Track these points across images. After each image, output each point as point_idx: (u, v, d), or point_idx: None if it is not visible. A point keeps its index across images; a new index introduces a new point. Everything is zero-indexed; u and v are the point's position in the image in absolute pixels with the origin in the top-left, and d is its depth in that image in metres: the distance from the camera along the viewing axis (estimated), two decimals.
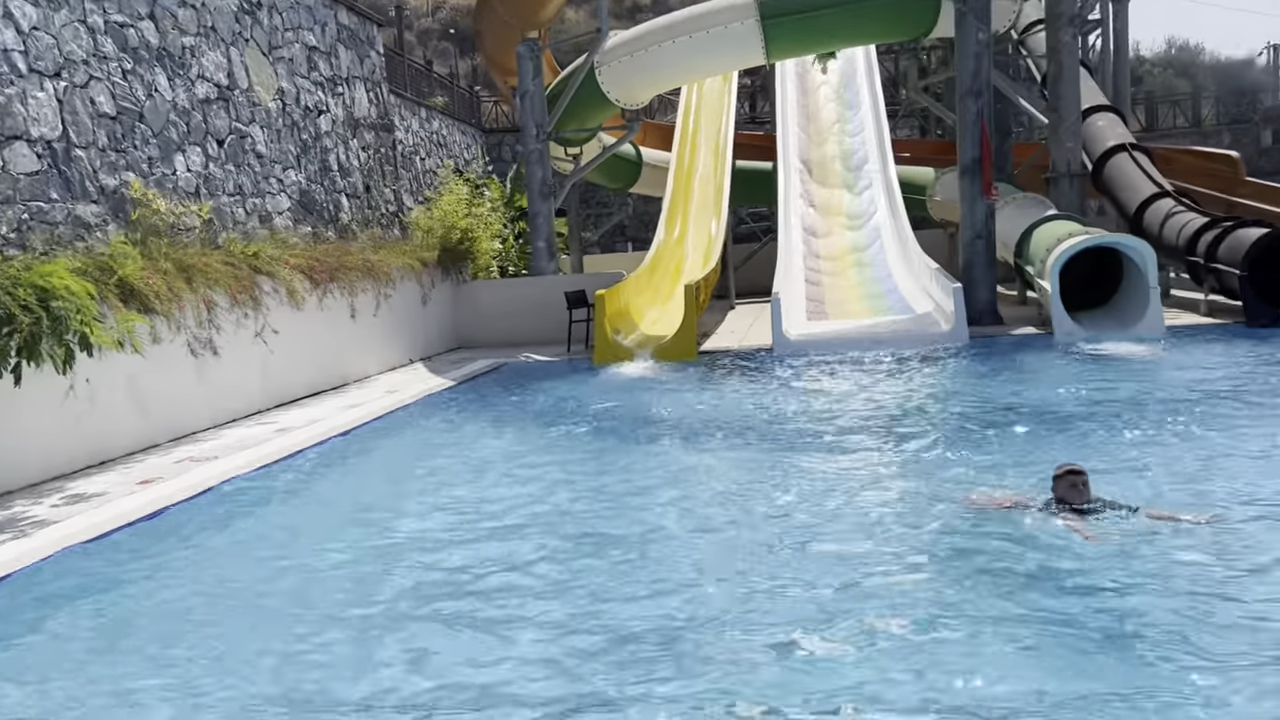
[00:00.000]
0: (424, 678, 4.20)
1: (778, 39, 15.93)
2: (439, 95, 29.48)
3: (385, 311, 14.53)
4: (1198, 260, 14.26)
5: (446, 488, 7.60)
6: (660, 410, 10.22)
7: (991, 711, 3.56)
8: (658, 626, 4.51)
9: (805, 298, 16.28)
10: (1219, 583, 4.67)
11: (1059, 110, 16.90)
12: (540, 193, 17.46)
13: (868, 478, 6.99)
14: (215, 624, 5.06)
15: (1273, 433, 7.45)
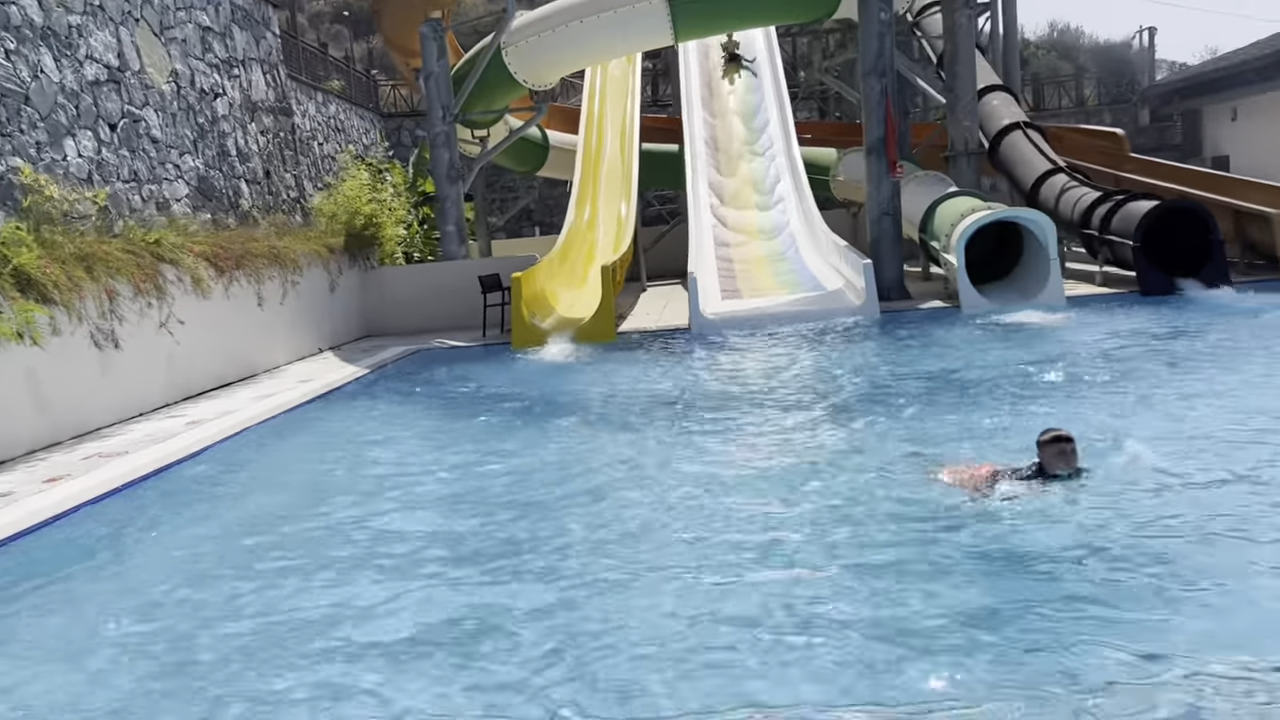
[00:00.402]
0: (349, 666, 4.09)
1: (685, 19, 15.96)
2: (335, 79, 28.72)
3: (293, 299, 14.13)
4: (1093, 233, 14.83)
5: (366, 477, 7.42)
6: (587, 391, 10.19)
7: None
8: (578, 603, 4.43)
9: (719, 277, 16.40)
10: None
11: (956, 90, 17.35)
12: (448, 176, 17.19)
13: (806, 448, 7.08)
14: (148, 629, 4.86)
15: (1179, 384, 7.84)
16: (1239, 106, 28.16)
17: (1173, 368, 8.85)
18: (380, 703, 3.76)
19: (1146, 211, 13.69)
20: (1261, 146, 24.89)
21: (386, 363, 13.41)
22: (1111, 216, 14.44)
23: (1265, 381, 7.97)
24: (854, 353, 10.99)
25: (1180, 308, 12.21)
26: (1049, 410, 7.38)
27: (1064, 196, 15.97)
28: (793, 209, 19.23)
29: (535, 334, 13.75)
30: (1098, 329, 11.21)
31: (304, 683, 3.98)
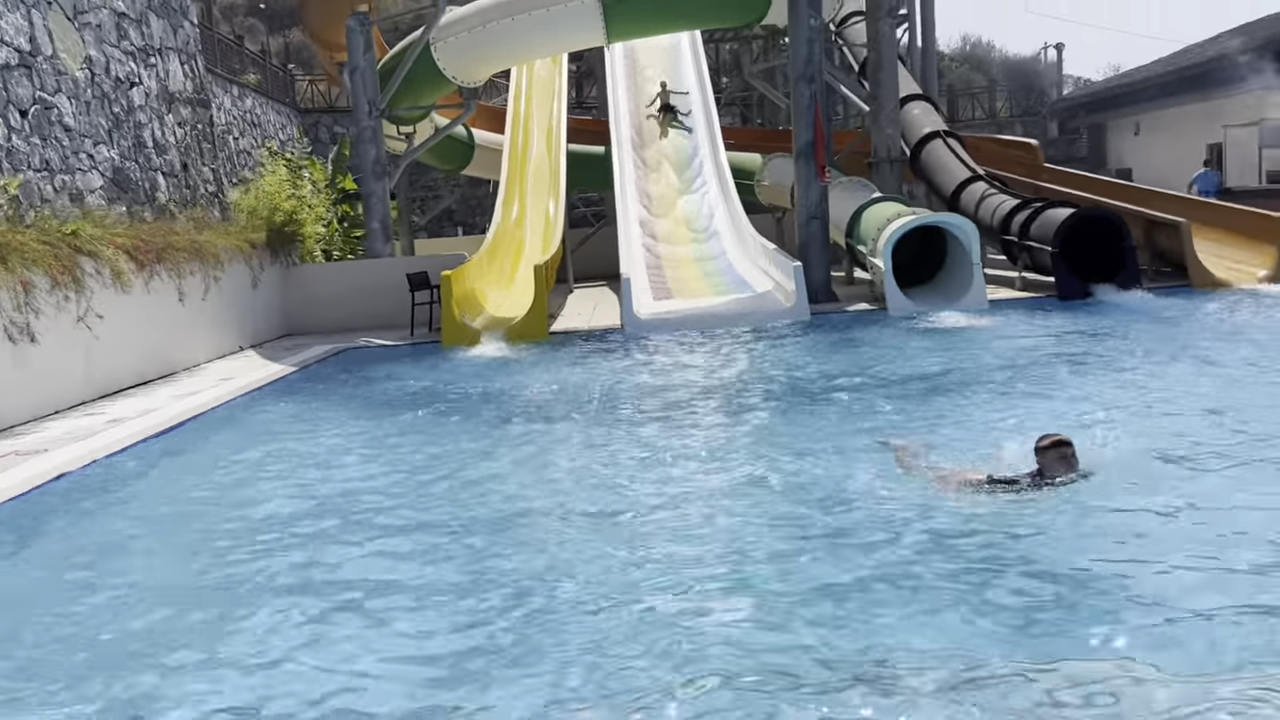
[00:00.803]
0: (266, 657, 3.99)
1: (617, 20, 15.98)
2: (251, 73, 28.03)
3: (215, 295, 13.72)
4: (1012, 239, 15.25)
5: (293, 475, 7.22)
6: (525, 389, 10.10)
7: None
8: (506, 603, 4.38)
9: (649, 279, 16.44)
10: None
11: (879, 98, 17.71)
12: (374, 172, 16.89)
13: (751, 443, 7.14)
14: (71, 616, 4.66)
15: (1097, 380, 8.14)
16: (1141, 121, 29.35)
17: (1094, 362, 9.20)
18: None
19: (1064, 219, 14.14)
20: (1162, 160, 25.96)
21: (311, 361, 13.11)
22: (1030, 223, 14.87)
23: (1171, 370, 8.38)
24: (792, 350, 11.14)
25: (1097, 310, 12.66)
26: (994, 403, 7.59)
27: (984, 203, 16.39)
28: (719, 213, 19.38)
29: (466, 332, 13.59)
30: (1021, 329, 11.57)
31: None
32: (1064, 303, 13.55)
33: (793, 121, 15.98)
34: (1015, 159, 20.58)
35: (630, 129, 21.88)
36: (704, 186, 20.12)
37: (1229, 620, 3.71)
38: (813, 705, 3.27)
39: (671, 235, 19.17)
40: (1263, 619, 3.71)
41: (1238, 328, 10.72)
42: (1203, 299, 12.86)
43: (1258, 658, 3.38)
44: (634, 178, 20.29)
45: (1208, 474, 5.59)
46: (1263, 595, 3.91)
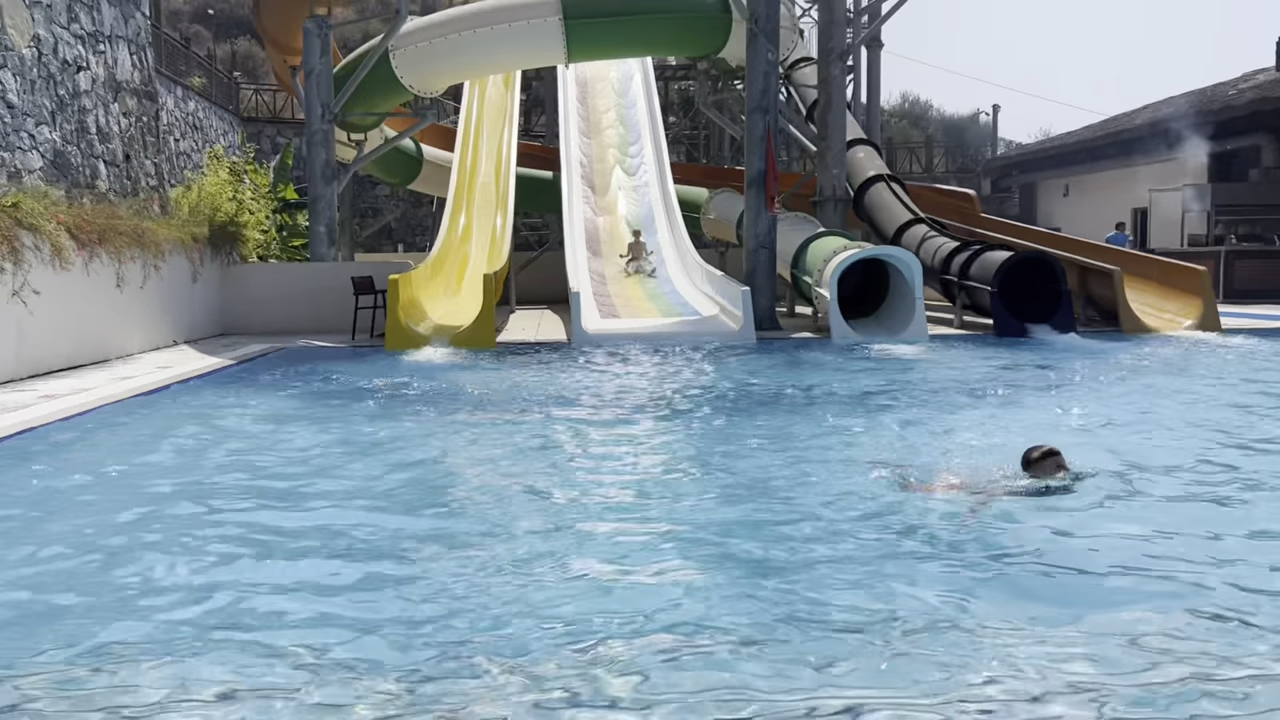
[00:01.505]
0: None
1: (578, 42, 16.14)
2: (196, 76, 27.64)
3: (154, 285, 13.37)
4: (952, 278, 15.66)
5: (235, 458, 7.04)
6: (473, 387, 10.03)
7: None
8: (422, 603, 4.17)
9: (595, 298, 16.48)
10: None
11: (827, 139, 18.13)
12: (323, 175, 16.71)
13: (696, 452, 7.18)
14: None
15: (1034, 405, 8.41)
16: (1070, 183, 30.49)
17: (1031, 389, 9.52)
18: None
19: (1004, 259, 14.59)
20: (1089, 220, 26.94)
21: (249, 356, 12.84)
22: (970, 264, 15.30)
23: (1100, 399, 8.72)
24: (731, 371, 11.25)
25: (1032, 347, 13.04)
26: (936, 417, 7.74)
27: (925, 244, 16.81)
28: (665, 242, 19.55)
29: (411, 337, 13.46)
30: (959, 359, 11.87)
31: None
32: (1001, 340, 13.92)
33: (746, 151, 16.26)
34: (954, 208, 21.18)
35: (580, 155, 22.01)
36: (651, 216, 20.29)
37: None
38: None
39: (619, 258, 19.25)
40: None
41: (1160, 366, 11.19)
42: (1133, 343, 13.33)
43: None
44: (582, 202, 20.39)
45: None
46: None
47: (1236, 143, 23.99)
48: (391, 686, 3.19)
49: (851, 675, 3.22)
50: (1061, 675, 3.16)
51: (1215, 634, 3.55)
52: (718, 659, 3.35)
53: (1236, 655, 3.35)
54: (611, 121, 23.57)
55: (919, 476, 5.79)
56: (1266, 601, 3.88)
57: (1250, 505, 5.45)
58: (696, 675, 3.22)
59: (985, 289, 14.67)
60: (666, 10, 17.13)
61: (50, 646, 3.59)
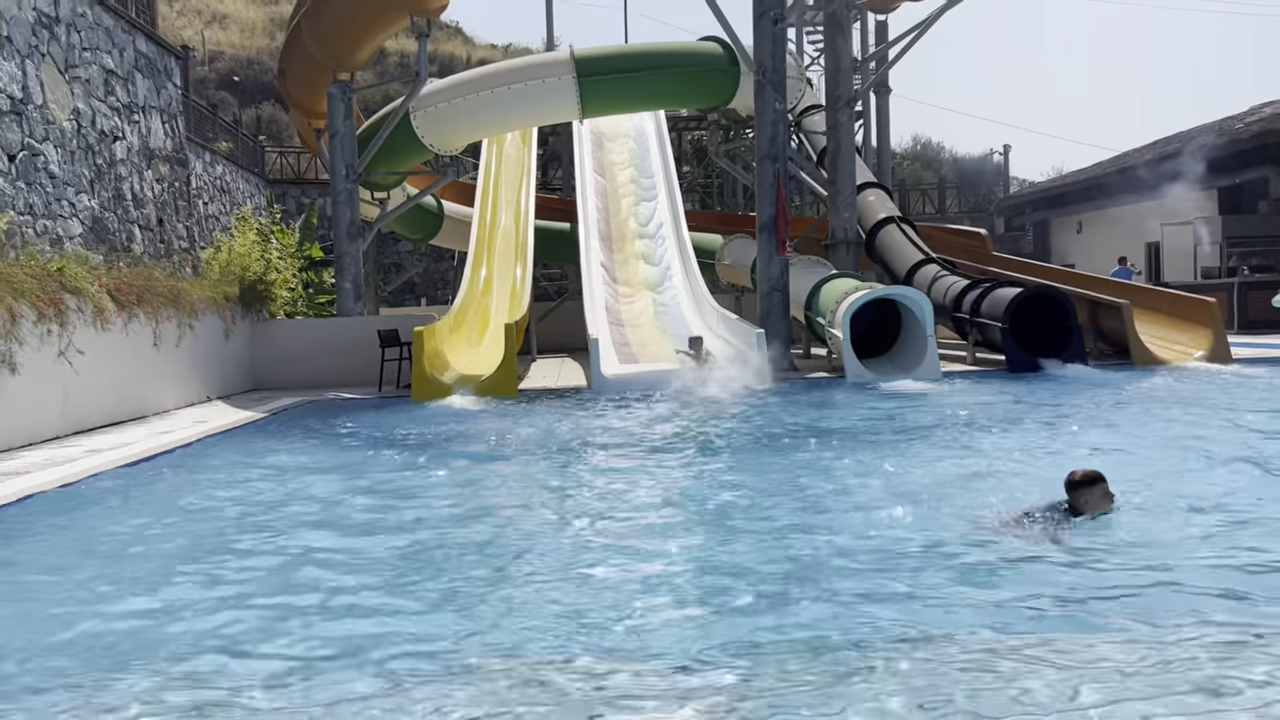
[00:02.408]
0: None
1: (592, 98, 16.70)
2: (223, 141, 28.50)
3: (188, 343, 13.87)
4: (964, 316, 15.95)
5: (268, 507, 7.40)
6: (505, 433, 10.38)
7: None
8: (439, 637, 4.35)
9: (614, 344, 16.86)
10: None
11: (837, 183, 18.56)
12: (348, 233, 17.27)
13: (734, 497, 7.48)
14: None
15: (1055, 436, 8.63)
16: (1084, 219, 30.76)
17: (1046, 420, 9.75)
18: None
19: (1014, 296, 14.88)
20: (1103, 256, 27.17)
21: (282, 409, 13.27)
22: (981, 301, 15.59)
23: (1117, 429, 8.94)
24: (750, 411, 11.55)
25: (1044, 381, 13.27)
26: (951, 448, 8.02)
27: (936, 284, 17.12)
28: (680, 288, 19.96)
29: (437, 387, 13.84)
30: (974, 394, 12.12)
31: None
32: (1013, 375, 14.16)
33: (756, 198, 16.69)
34: (965, 247, 21.51)
35: (596, 206, 22.54)
36: (666, 258, 20.73)
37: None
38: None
39: (635, 308, 19.67)
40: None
41: (1171, 397, 11.40)
42: (1143, 374, 13.55)
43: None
44: (599, 251, 20.87)
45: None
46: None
47: (1245, 175, 24.26)
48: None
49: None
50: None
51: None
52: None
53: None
54: (626, 172, 24.13)
55: (988, 516, 5.67)
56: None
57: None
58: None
59: (996, 325, 14.94)
60: (676, 65, 17.71)
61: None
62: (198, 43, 40.53)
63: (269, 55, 40.54)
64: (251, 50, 43.05)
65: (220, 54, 43.41)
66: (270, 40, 42.70)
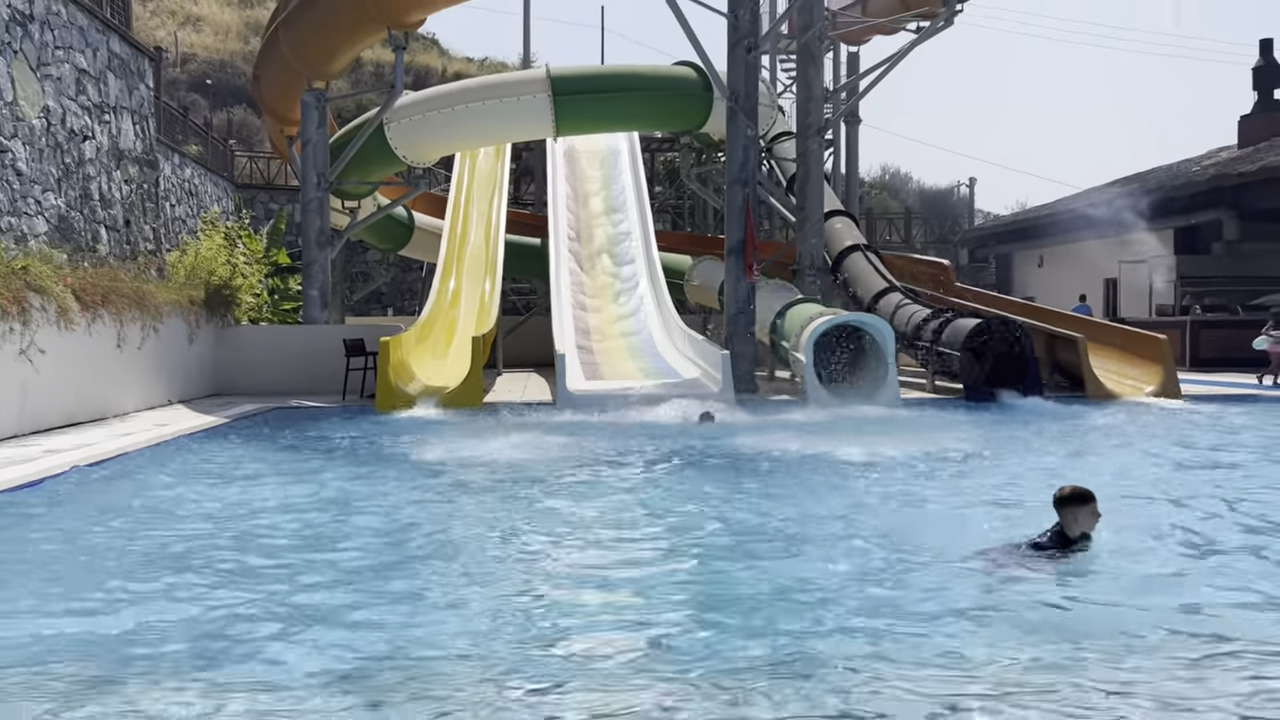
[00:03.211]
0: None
1: (566, 117, 16.87)
2: (193, 144, 28.35)
3: (151, 346, 13.80)
4: (924, 344, 16.23)
5: (226, 509, 7.43)
6: (457, 446, 10.44)
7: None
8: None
9: (580, 360, 16.96)
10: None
11: (805, 209, 18.82)
12: (317, 241, 17.27)
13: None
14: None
15: (1011, 464, 8.86)
16: (1045, 254, 31.35)
17: (996, 446, 9.99)
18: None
19: (973, 327, 15.17)
20: (1063, 289, 27.70)
21: (243, 415, 13.23)
22: (942, 330, 15.87)
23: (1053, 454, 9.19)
24: (716, 428, 11.70)
25: (1000, 411, 13.55)
26: (897, 469, 8.20)
27: (899, 312, 17.40)
28: (649, 308, 20.11)
29: (401, 397, 13.87)
30: (932, 421, 12.35)
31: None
32: (971, 404, 14.43)
33: (726, 221, 16.90)
34: (928, 276, 21.86)
35: (567, 224, 22.68)
36: (635, 278, 20.89)
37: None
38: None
39: (603, 326, 19.80)
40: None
41: (1113, 429, 11.71)
42: (1095, 407, 13.86)
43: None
44: (568, 267, 21.00)
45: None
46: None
47: (1200, 217, 24.88)
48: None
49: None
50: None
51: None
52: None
53: None
54: (599, 190, 24.31)
55: (994, 552, 5.53)
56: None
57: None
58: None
59: (955, 354, 15.22)
60: (651, 88, 17.94)
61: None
62: (170, 44, 40.31)
63: (242, 59, 40.45)
64: (225, 53, 42.86)
65: (193, 56, 43.20)
66: (244, 44, 42.58)
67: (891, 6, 22.73)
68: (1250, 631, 4.42)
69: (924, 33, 19.71)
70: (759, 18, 17.25)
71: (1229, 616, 4.65)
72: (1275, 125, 26.45)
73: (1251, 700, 3.66)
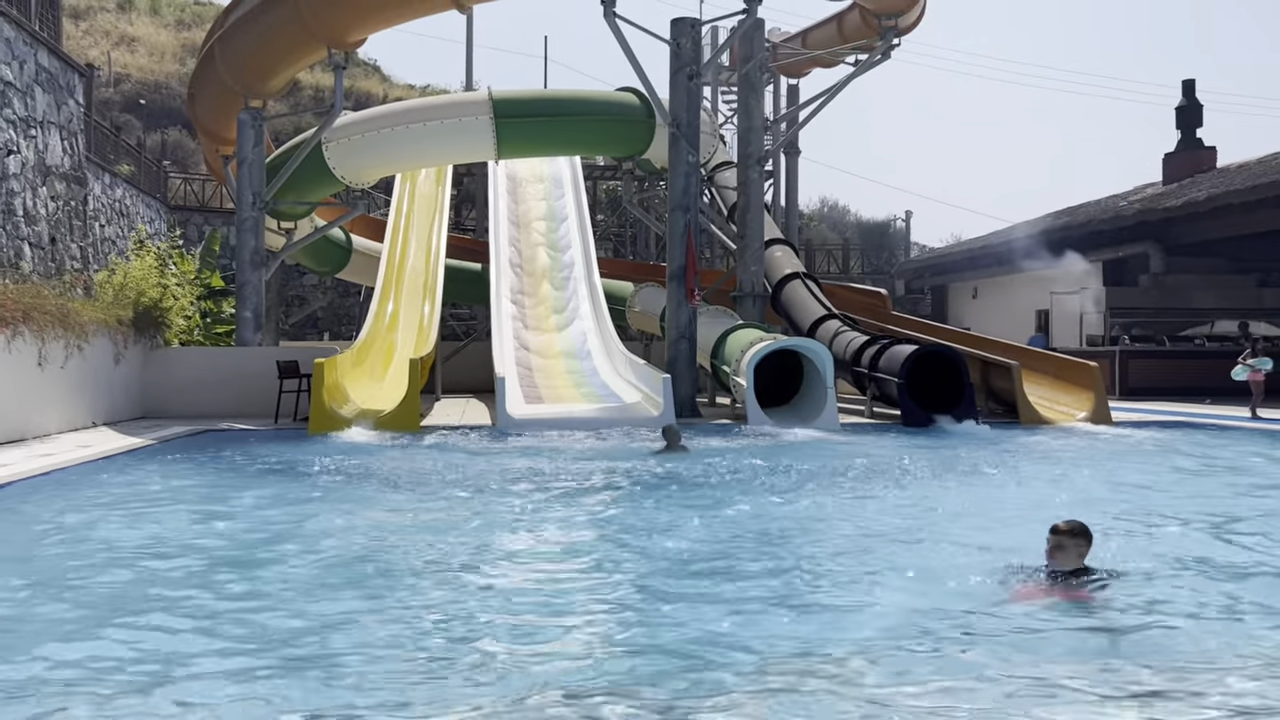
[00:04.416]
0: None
1: (508, 140, 16.80)
2: (125, 164, 27.74)
3: (75, 365, 13.36)
4: (863, 370, 16.36)
5: (147, 532, 7.17)
6: (392, 468, 10.23)
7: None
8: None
9: (520, 384, 16.80)
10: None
11: (746, 237, 18.99)
12: (251, 262, 16.93)
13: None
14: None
15: (949, 484, 8.91)
16: (979, 286, 31.94)
17: (934, 470, 10.06)
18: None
19: (909, 353, 15.33)
20: (997, 320, 28.25)
21: (171, 438, 12.86)
22: (880, 356, 16.03)
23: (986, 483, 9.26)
24: (647, 452, 11.64)
25: (936, 435, 13.69)
26: (834, 490, 8.20)
27: (837, 339, 17.55)
28: (591, 332, 20.03)
29: (335, 420, 13.58)
30: (868, 445, 12.44)
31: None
32: (908, 429, 14.55)
33: (668, 247, 16.93)
34: (866, 305, 22.10)
35: (509, 248, 22.55)
36: (577, 303, 20.81)
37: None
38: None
39: (544, 351, 19.66)
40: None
41: (1046, 454, 11.89)
42: (1027, 432, 14.07)
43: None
44: (509, 292, 20.84)
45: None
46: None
47: (1128, 250, 25.55)
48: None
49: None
50: None
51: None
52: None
53: None
54: (541, 216, 24.21)
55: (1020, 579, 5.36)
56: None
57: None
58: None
59: (893, 380, 15.36)
60: (593, 113, 17.97)
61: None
62: (104, 64, 39.54)
63: (178, 80, 39.78)
64: (160, 74, 42.14)
65: (127, 76, 42.38)
66: (180, 65, 41.90)
67: (830, 39, 23.13)
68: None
69: (861, 65, 20.08)
70: (700, 46, 17.41)
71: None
72: (1198, 162, 27.33)
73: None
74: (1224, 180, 24.05)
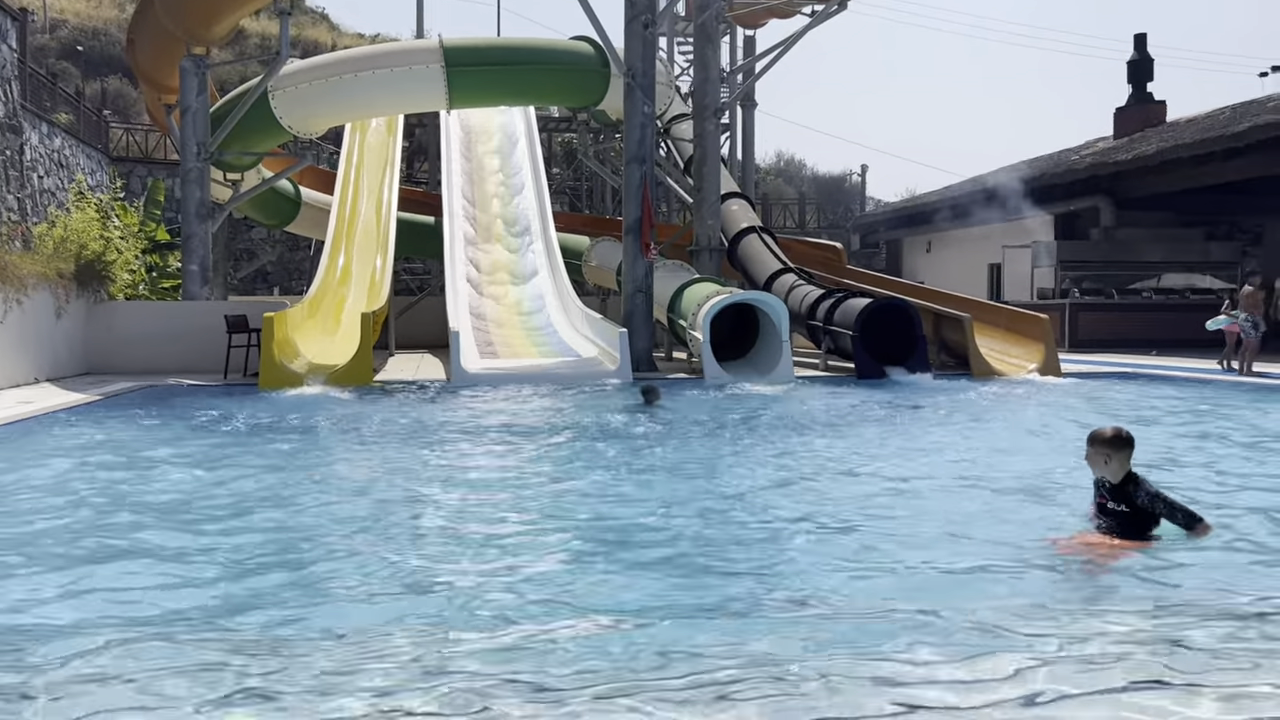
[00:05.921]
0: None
1: (460, 89, 16.49)
2: (64, 113, 26.89)
3: (15, 320, 13.00)
4: (817, 324, 16.42)
5: (95, 489, 7.01)
6: (344, 423, 10.10)
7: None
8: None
9: (476, 339, 16.66)
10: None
11: (702, 191, 18.86)
12: (197, 214, 16.54)
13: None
14: None
15: (889, 437, 9.00)
16: (933, 240, 32.14)
17: (880, 423, 10.14)
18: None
19: (863, 306, 15.41)
20: (950, 274, 28.46)
21: (116, 393, 12.59)
22: (834, 310, 16.09)
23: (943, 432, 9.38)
24: (611, 405, 11.61)
25: (888, 388, 13.81)
26: (780, 441, 8.24)
27: (793, 293, 17.57)
28: (547, 286, 19.90)
29: (286, 375, 13.38)
30: (821, 398, 12.52)
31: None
32: (860, 381, 14.67)
33: (623, 200, 16.80)
34: (821, 259, 22.13)
35: (463, 201, 22.25)
36: (533, 257, 20.64)
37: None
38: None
39: (500, 301, 19.50)
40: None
41: (993, 404, 12.04)
42: (979, 384, 14.23)
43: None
44: (463, 246, 20.61)
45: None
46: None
47: (1079, 204, 25.78)
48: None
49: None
50: None
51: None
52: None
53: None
54: (495, 169, 23.90)
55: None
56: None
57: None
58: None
59: (847, 333, 15.44)
60: (547, 62, 17.68)
61: None
62: (39, 9, 38.16)
63: (117, 26, 38.56)
64: (98, 20, 40.82)
65: (63, 22, 41.00)
66: (119, 11, 40.62)
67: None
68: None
69: (818, 16, 19.93)
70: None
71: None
72: (1148, 117, 27.56)
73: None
74: (1173, 135, 24.29)
